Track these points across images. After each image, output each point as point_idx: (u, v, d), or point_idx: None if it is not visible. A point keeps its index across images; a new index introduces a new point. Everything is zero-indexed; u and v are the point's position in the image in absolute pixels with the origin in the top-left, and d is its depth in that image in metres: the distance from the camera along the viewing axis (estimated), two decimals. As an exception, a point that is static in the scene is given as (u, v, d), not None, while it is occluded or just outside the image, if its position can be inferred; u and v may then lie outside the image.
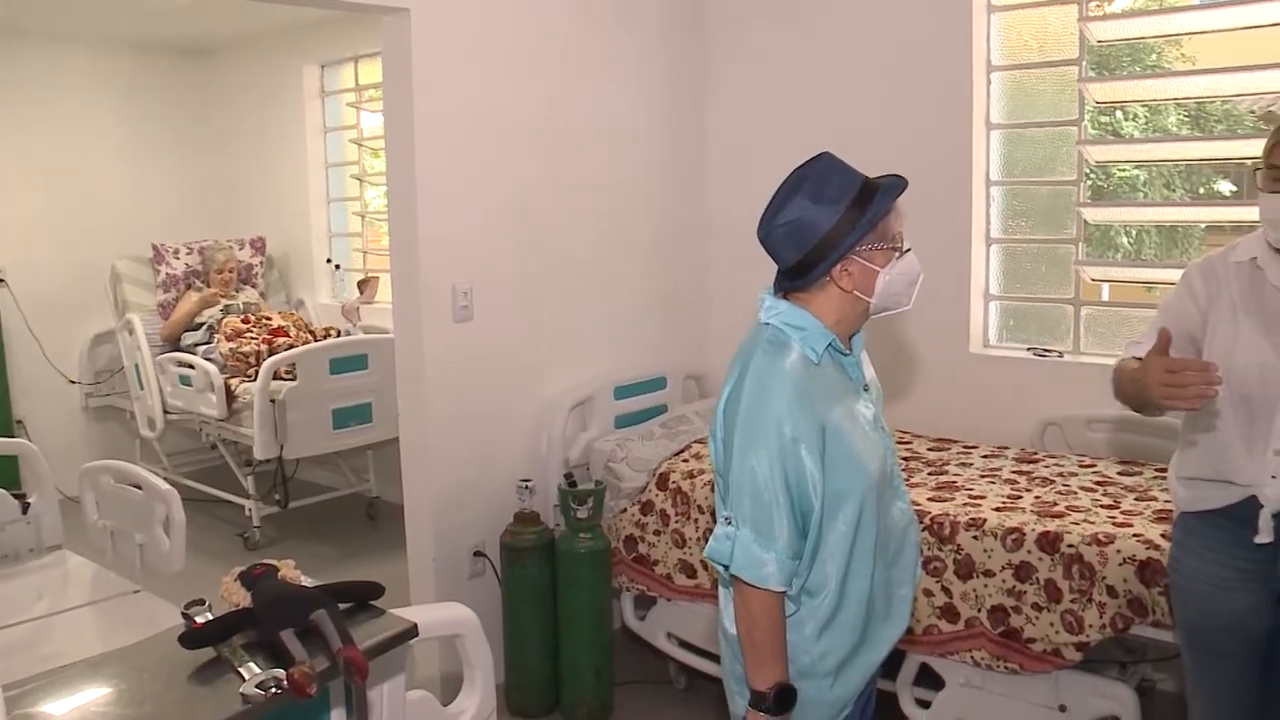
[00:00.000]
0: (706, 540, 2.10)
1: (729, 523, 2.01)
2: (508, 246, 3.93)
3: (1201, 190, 5.04)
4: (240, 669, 1.88)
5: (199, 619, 2.07)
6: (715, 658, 3.69)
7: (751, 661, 2.02)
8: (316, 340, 5.84)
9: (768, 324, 2.07)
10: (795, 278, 2.05)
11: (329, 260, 6.71)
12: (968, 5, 4.03)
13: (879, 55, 4.25)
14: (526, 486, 3.82)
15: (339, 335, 5.97)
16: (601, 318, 4.34)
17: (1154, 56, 5.03)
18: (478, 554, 3.92)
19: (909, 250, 2.08)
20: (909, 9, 4.16)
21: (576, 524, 3.72)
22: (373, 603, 2.17)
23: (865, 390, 2.15)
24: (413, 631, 2.08)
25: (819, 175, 2.04)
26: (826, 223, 1.98)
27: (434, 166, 3.66)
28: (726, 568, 2.01)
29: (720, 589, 2.18)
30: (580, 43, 4.14)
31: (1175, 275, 4.11)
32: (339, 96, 6.59)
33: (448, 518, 3.83)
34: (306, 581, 2.22)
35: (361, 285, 6.08)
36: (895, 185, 2.05)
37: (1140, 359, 2.25)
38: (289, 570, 2.23)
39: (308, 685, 1.80)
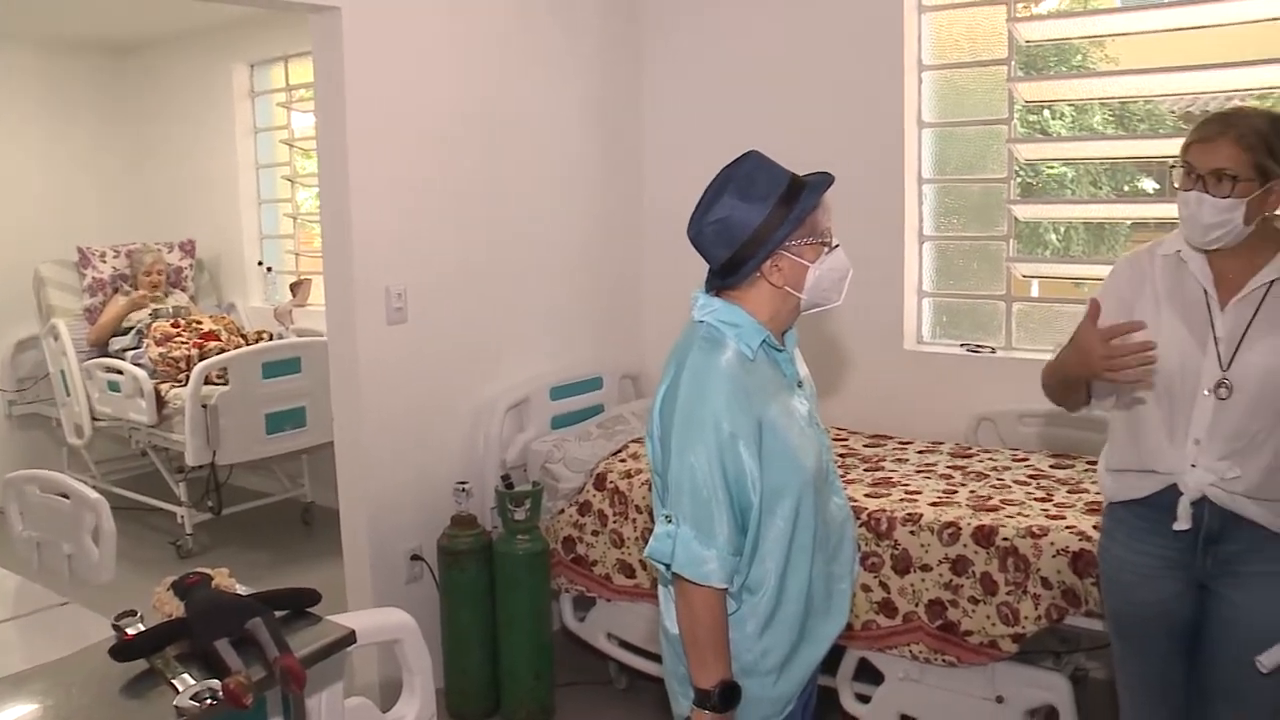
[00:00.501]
0: (645, 540, 2.11)
1: (669, 521, 2.00)
2: (442, 247, 3.90)
3: (1126, 188, 5.14)
4: (174, 681, 1.85)
5: (130, 630, 2.03)
6: (656, 657, 3.70)
7: (695, 660, 2.02)
8: (248, 344, 5.75)
9: (702, 322, 2.07)
10: (726, 275, 2.06)
11: (260, 263, 6.61)
12: (899, 4, 4.06)
13: (812, 53, 4.27)
14: (463, 489, 3.80)
15: (271, 339, 5.88)
16: (537, 318, 4.32)
17: (1079, 57, 5.13)
18: (415, 558, 3.88)
19: (838, 246, 2.09)
20: (841, 8, 4.19)
21: (514, 526, 3.70)
22: (310, 610, 2.14)
23: (799, 386, 2.16)
24: (350, 638, 2.06)
25: (746, 173, 2.05)
26: (755, 220, 2.00)
27: (366, 166, 3.62)
28: (668, 566, 2.01)
29: (660, 589, 2.18)
30: (513, 39, 4.11)
31: (1103, 271, 4.20)
32: (269, 96, 6.51)
33: (384, 522, 3.80)
34: (241, 589, 2.19)
35: (294, 288, 6.01)
36: (822, 181, 2.07)
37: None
38: (223, 578, 2.20)
39: (244, 695, 1.78)
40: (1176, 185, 2.32)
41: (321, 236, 3.79)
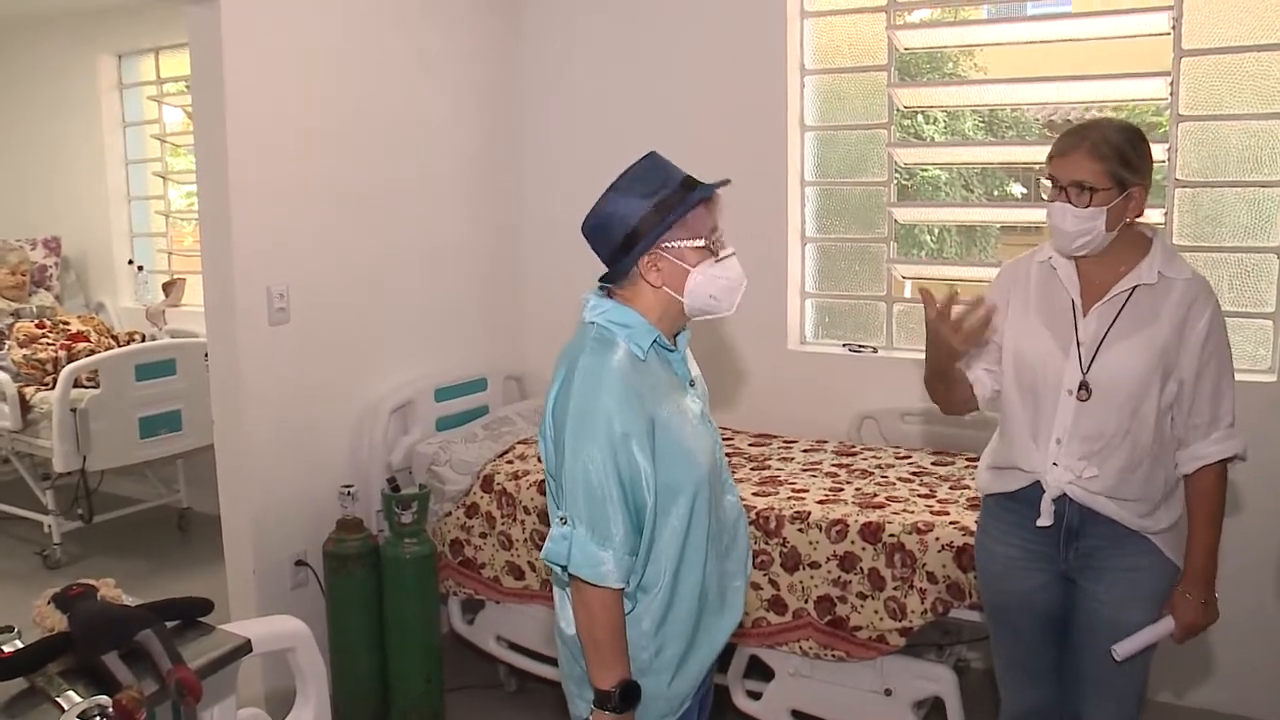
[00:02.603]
0: (533, 541, 2.11)
1: (564, 522, 2.01)
2: (325, 246, 3.83)
3: (996, 192, 5.31)
4: (58, 699, 1.79)
5: (7, 647, 1.95)
6: (546, 660, 3.70)
7: (594, 661, 2.03)
8: (120, 345, 5.56)
9: (593, 323, 2.08)
10: (611, 269, 2.09)
11: (131, 261, 6.39)
12: (782, 10, 4.13)
13: (696, 57, 4.31)
14: (348, 492, 3.74)
15: (144, 340, 5.70)
16: (421, 319, 4.27)
17: (951, 65, 5.28)
18: (300, 563, 3.81)
19: (730, 255, 2.11)
20: (725, 12, 4.23)
21: (401, 529, 3.66)
22: (202, 619, 2.09)
23: (691, 386, 2.19)
24: (246, 647, 2.02)
25: (638, 171, 2.08)
26: (635, 215, 2.02)
27: (246, 163, 3.54)
28: (564, 568, 2.01)
29: (556, 590, 2.18)
30: (393, 34, 4.05)
31: (975, 272, 4.37)
32: (139, 89, 6.29)
33: (267, 527, 3.71)
34: (129, 600, 2.13)
35: (167, 287, 5.84)
36: (712, 184, 2.09)
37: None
38: (109, 589, 2.13)
39: (137, 711, 1.73)
40: (1044, 195, 2.42)
41: (200, 235, 3.69)
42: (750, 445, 4.06)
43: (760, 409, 4.30)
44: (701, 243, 2.07)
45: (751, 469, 3.75)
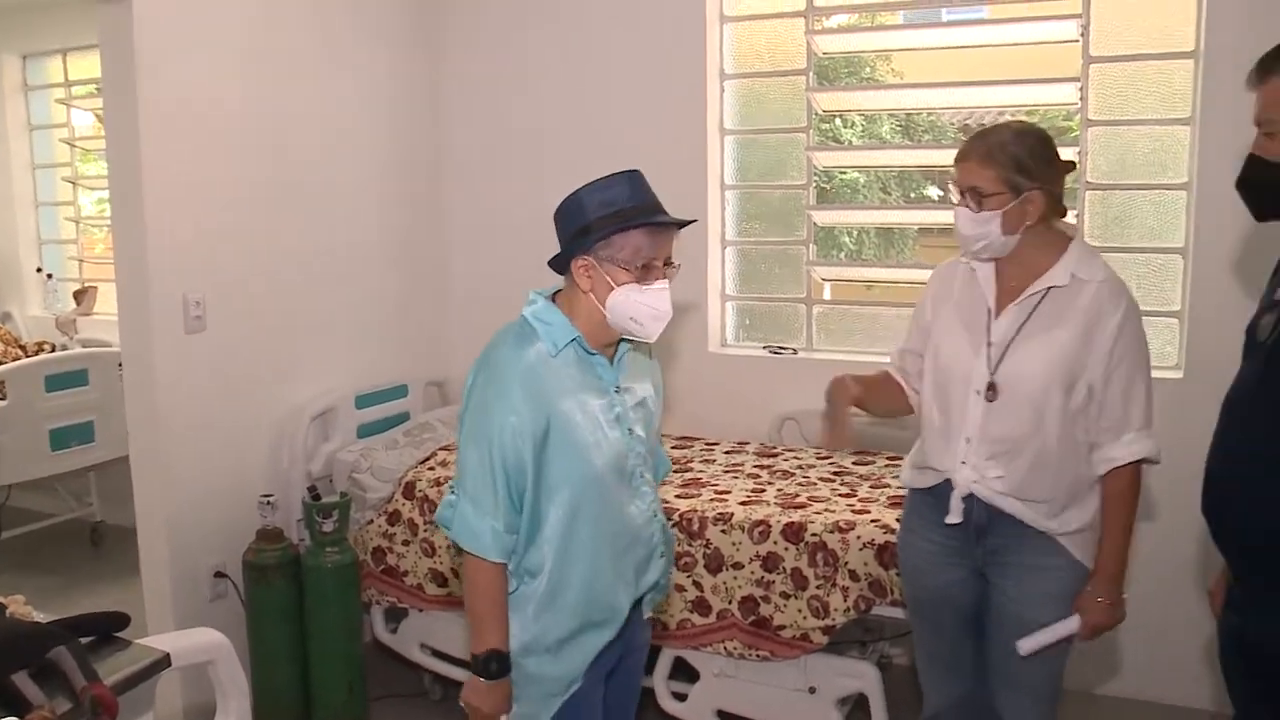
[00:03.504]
0: (456, 548, 2.16)
1: (453, 492, 2.17)
2: (243, 252, 3.77)
3: (913, 194, 5.38)
4: (-35, 721, 1.74)
5: (-89, 670, 1.89)
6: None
7: (472, 628, 2.17)
8: (28, 355, 5.43)
9: (523, 317, 2.19)
10: (560, 255, 2.16)
11: (40, 269, 6.23)
12: (701, 15, 4.15)
13: (617, 62, 4.32)
14: (268, 502, 3.69)
15: (54, 350, 5.57)
16: (340, 325, 4.22)
17: (868, 70, 5.35)
18: (219, 575, 3.74)
19: (662, 287, 2.14)
20: (646, 17, 4.25)
21: (322, 538, 3.61)
22: (117, 635, 2.04)
23: (617, 392, 2.22)
24: (165, 662, 1.98)
25: (618, 178, 2.14)
26: (589, 214, 2.09)
27: (161, 168, 3.47)
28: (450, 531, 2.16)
29: None
30: (310, 35, 4.00)
31: (893, 274, 4.44)
32: (46, 92, 6.15)
33: (185, 539, 3.64)
34: (40, 617, 2.07)
35: (78, 296, 5.70)
36: (656, 215, 2.13)
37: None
38: (19, 606, 2.08)
39: (49, 729, 1.68)
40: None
41: (113, 242, 3.61)
42: (673, 448, 4.07)
43: (682, 412, 4.31)
44: (625, 267, 2.10)
45: (675, 471, 3.76)
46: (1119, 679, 3.85)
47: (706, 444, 4.12)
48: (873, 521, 3.14)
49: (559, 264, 2.17)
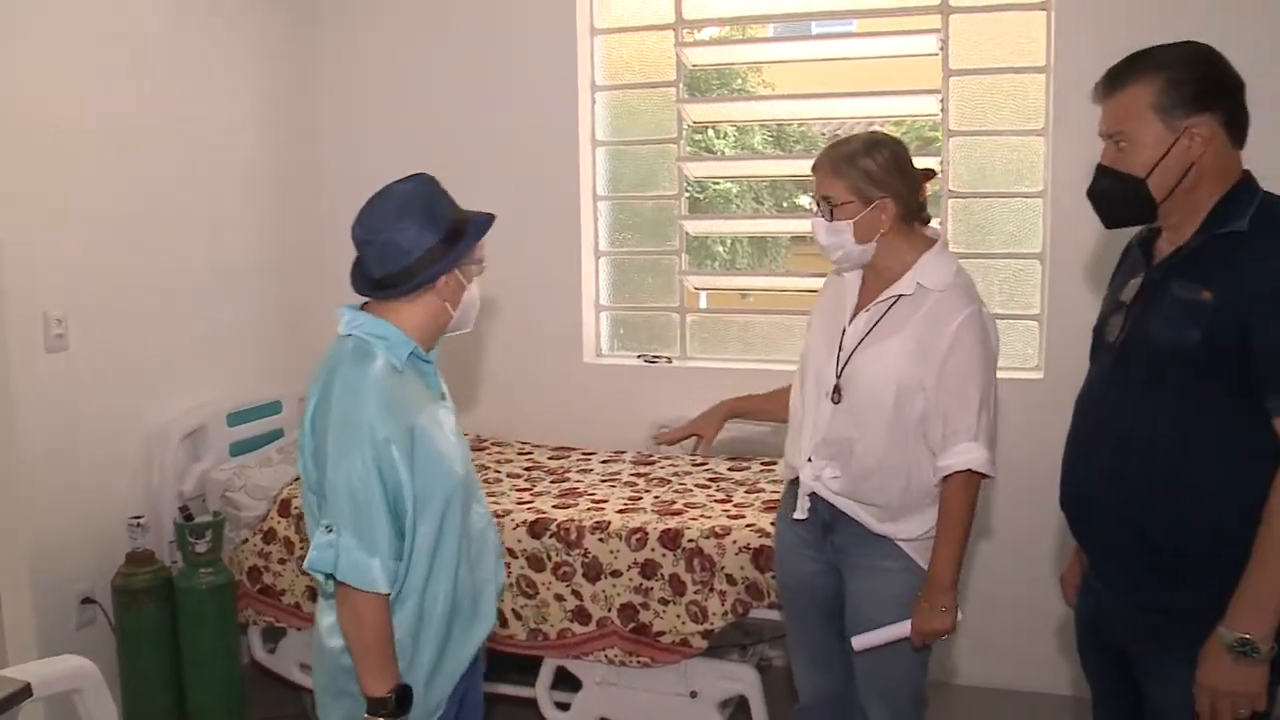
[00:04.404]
0: None
1: (329, 531, 2.02)
2: (107, 267, 3.65)
3: (785, 204, 5.48)
4: None
5: None
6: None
7: (365, 668, 2.05)
8: (-128, 377, 5.18)
9: (349, 335, 2.13)
10: (388, 286, 2.13)
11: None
12: (572, 27, 4.17)
13: (492, 73, 4.31)
14: (138, 524, 3.58)
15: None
16: (210, 342, 4.11)
17: (739, 81, 5.44)
18: (87, 601, 3.61)
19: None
20: (518, 30, 4.25)
21: (195, 559, 3.53)
22: (-27, 664, 1.97)
23: (443, 399, 2.26)
24: (26, 692, 1.91)
25: (427, 197, 2.14)
26: (422, 245, 2.10)
27: (13, 178, 3.33)
28: (330, 576, 2.04)
29: (320, 600, 2.19)
30: (174, 39, 3.87)
31: (768, 282, 4.51)
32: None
33: (49, 564, 3.50)
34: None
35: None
36: (487, 221, 2.19)
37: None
38: None
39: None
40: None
41: (-37, 258, 3.47)
42: (549, 459, 4.08)
43: (558, 422, 4.32)
44: (475, 264, 2.20)
45: (551, 482, 3.77)
46: (982, 668, 3.97)
47: (583, 454, 4.13)
48: (748, 526, 3.19)
49: (401, 292, 2.12)
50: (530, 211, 4.25)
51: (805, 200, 5.27)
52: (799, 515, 2.56)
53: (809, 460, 2.53)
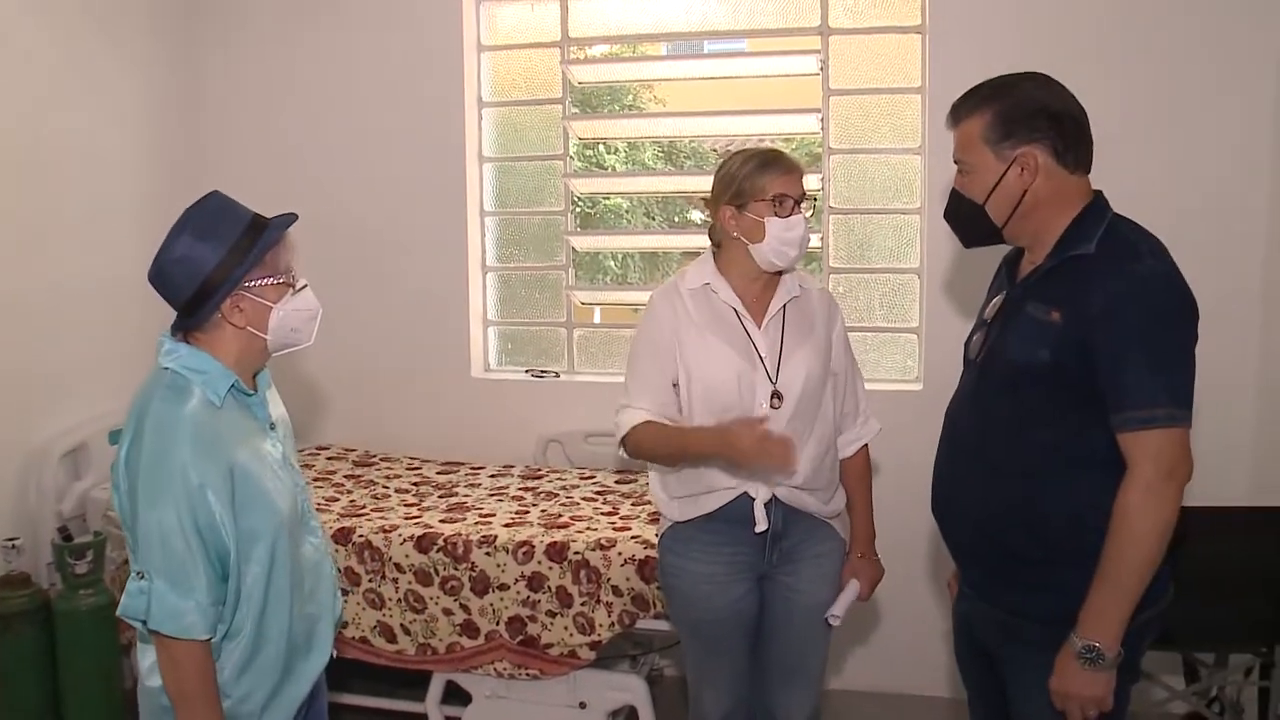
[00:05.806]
0: None
1: (141, 577, 1.95)
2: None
3: (677, 219, 5.55)
4: None
5: None
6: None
7: (186, 715, 1.97)
8: None
9: (166, 368, 2.05)
10: (188, 316, 2.06)
11: None
12: (459, 43, 4.18)
13: (377, 89, 4.28)
14: (13, 545, 3.48)
15: None
16: (91, 358, 4.00)
17: (630, 98, 5.50)
18: (-46, 628, 3.51)
19: (305, 286, 2.14)
20: (404, 46, 4.24)
21: (75, 581, 3.44)
22: None
23: (272, 429, 2.18)
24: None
25: (207, 213, 2.08)
26: (213, 259, 2.02)
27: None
28: (144, 623, 1.95)
29: (139, 644, 2.10)
30: (54, 53, 3.79)
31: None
32: None
33: (-89, 591, 3.40)
34: None
35: None
36: (284, 220, 2.11)
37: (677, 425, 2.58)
38: None
39: None
40: (771, 215, 2.50)
41: None
42: (438, 474, 4.06)
43: (446, 437, 4.31)
44: (281, 279, 2.08)
45: (439, 497, 3.76)
46: (863, 673, 4.06)
47: (472, 468, 4.12)
48: (633, 538, 3.23)
49: (196, 321, 2.06)
50: (417, 226, 4.25)
51: (697, 215, 5.34)
52: (761, 527, 2.56)
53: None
